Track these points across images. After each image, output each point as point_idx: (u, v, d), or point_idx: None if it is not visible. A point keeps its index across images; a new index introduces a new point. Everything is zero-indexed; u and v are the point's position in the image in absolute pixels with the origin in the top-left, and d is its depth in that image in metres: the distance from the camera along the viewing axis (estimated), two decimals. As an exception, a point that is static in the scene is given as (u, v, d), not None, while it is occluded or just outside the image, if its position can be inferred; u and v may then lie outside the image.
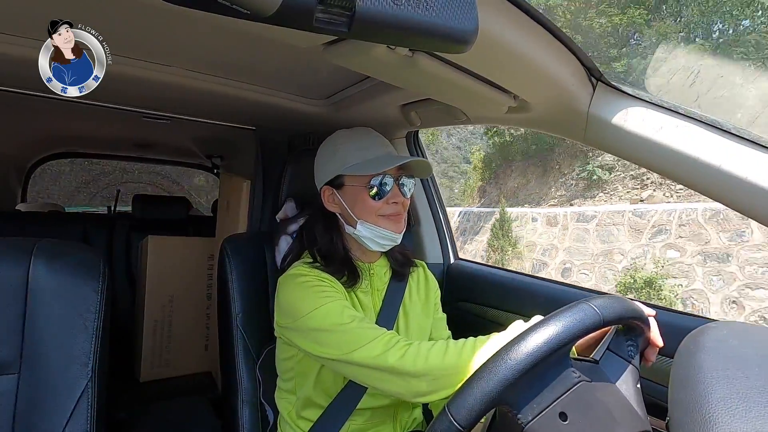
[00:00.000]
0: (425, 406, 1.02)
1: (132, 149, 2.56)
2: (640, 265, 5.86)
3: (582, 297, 0.56)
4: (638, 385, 0.57)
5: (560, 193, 8.37)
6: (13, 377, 0.69)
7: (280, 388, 0.95)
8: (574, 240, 6.85)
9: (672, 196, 6.70)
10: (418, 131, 1.39)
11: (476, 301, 1.30)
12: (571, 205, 7.80)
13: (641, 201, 6.99)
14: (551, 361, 0.48)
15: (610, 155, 8.05)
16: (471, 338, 0.69)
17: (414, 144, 1.42)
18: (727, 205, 0.67)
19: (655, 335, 0.61)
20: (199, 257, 1.92)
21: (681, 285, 5.50)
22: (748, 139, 0.64)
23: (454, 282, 1.40)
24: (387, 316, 0.91)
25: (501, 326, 0.70)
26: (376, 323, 0.84)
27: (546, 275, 6.20)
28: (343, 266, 0.89)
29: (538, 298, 1.12)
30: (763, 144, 0.63)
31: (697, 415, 0.29)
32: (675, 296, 5.32)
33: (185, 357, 1.89)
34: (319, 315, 0.77)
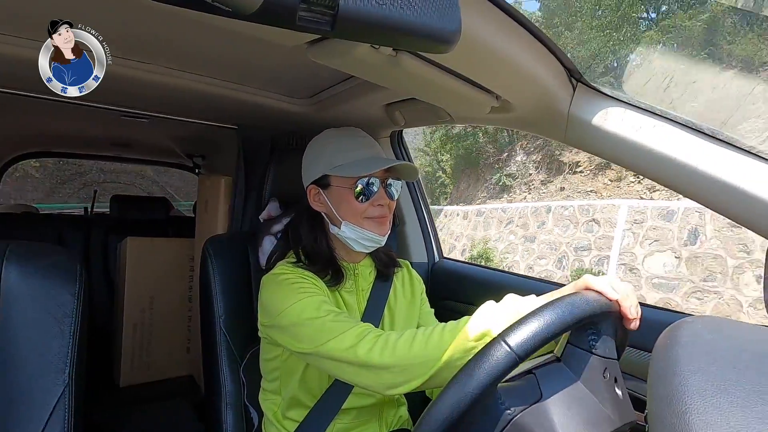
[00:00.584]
0: (410, 405, 1.02)
1: (110, 148, 2.49)
2: (479, 244, 8.82)
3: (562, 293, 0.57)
4: (606, 375, 0.55)
5: (483, 195, 11.12)
6: None
7: (264, 389, 0.94)
8: (471, 229, 9.55)
9: (534, 198, 9.49)
10: (402, 131, 1.39)
11: (461, 299, 1.31)
12: (486, 204, 10.44)
13: (511, 201, 9.88)
14: (477, 411, 0.48)
15: (515, 166, 10.06)
16: (440, 325, 0.69)
17: (398, 144, 1.42)
18: (703, 204, 0.69)
19: (626, 311, 0.58)
20: (180, 259, 1.89)
21: (508, 257, 8.26)
22: (722, 140, 0.66)
23: (439, 280, 1.41)
24: (372, 316, 0.91)
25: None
26: None
27: (454, 255, 8.94)
28: (328, 266, 0.88)
29: (522, 295, 1.13)
30: (736, 144, 0.65)
31: (674, 407, 0.30)
32: (505, 265, 8.09)
33: (166, 360, 1.86)
34: (296, 309, 0.76)
